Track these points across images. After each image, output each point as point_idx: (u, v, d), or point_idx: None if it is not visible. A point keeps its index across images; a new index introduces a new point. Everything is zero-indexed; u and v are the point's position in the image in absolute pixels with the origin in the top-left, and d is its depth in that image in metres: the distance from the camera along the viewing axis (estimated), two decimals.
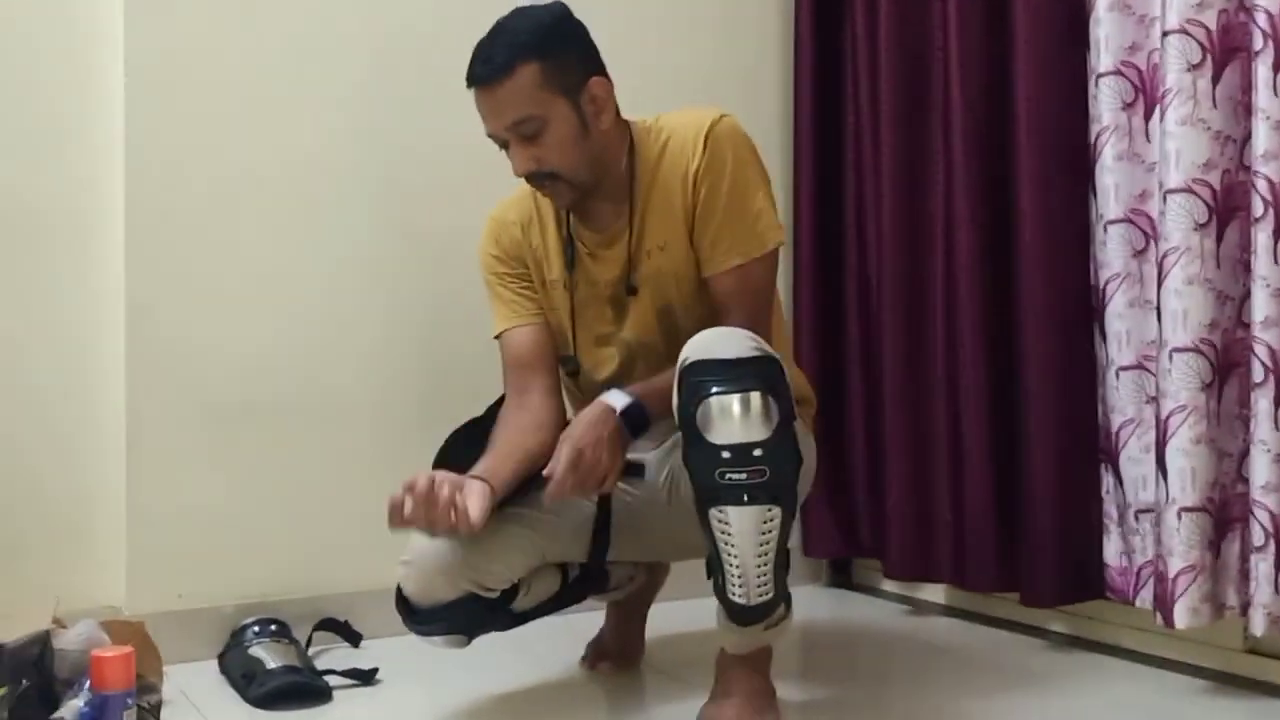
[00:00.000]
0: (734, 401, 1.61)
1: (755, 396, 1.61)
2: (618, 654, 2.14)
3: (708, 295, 1.87)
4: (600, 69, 1.86)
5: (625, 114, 1.93)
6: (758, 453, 1.60)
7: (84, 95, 2.25)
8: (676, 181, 1.87)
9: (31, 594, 2.07)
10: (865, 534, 2.64)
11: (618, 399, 1.78)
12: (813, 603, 2.60)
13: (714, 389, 1.62)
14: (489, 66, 1.78)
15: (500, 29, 1.82)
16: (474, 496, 1.68)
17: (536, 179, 1.85)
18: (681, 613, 2.26)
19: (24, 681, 1.62)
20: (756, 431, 1.61)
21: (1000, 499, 2.32)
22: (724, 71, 2.72)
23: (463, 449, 1.85)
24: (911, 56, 2.50)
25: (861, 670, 2.26)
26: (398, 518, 1.66)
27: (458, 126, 1.92)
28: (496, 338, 1.99)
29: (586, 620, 2.16)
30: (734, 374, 1.62)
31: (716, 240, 1.85)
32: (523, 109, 1.78)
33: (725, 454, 1.60)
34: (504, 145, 1.84)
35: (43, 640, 1.72)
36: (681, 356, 1.67)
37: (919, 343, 2.49)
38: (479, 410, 1.99)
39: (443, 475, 1.69)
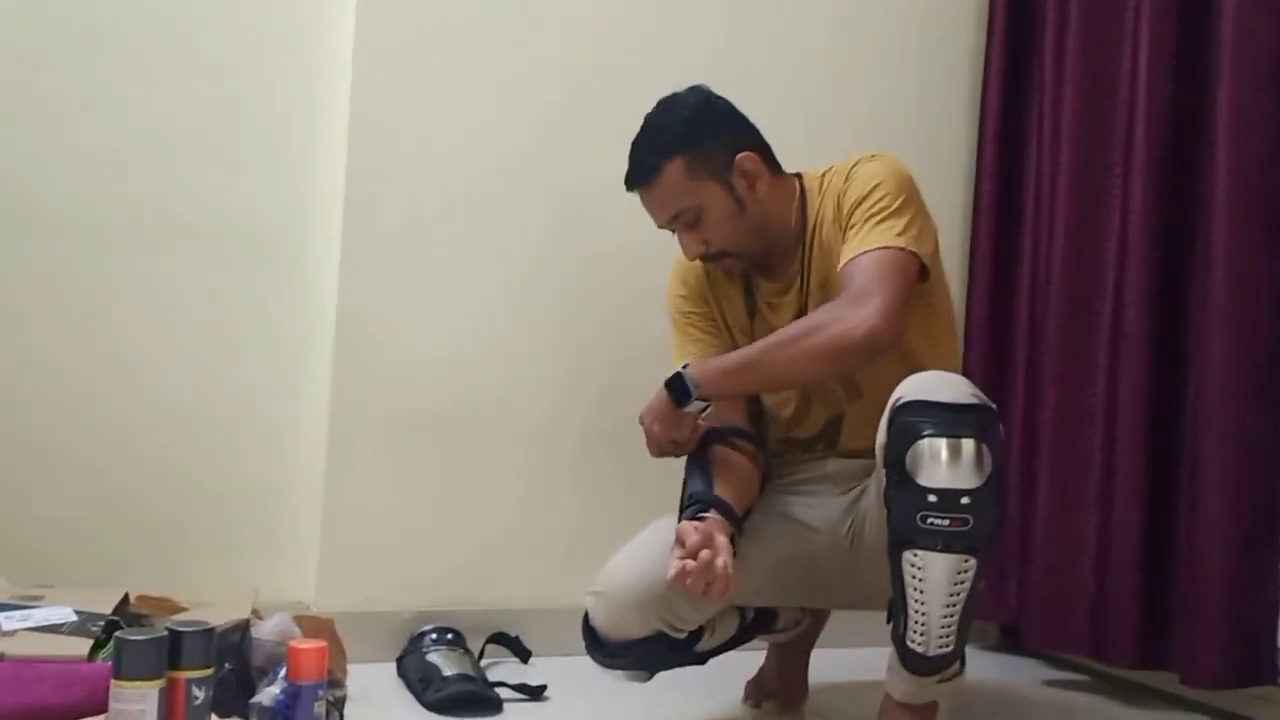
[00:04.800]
0: (945, 446, 1.54)
1: (968, 444, 1.54)
2: (781, 695, 2.06)
3: None
4: (747, 143, 1.85)
5: (823, 161, 1.91)
6: (964, 500, 1.53)
7: (310, 121, 2.32)
8: (833, 221, 1.83)
9: (231, 585, 2.12)
10: (1013, 595, 2.48)
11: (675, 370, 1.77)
12: (974, 664, 2.49)
13: (927, 431, 1.55)
14: (639, 171, 1.82)
15: (645, 129, 1.85)
16: (725, 554, 1.60)
17: (708, 259, 1.87)
18: (845, 659, 2.20)
19: (225, 665, 1.65)
20: (966, 479, 1.53)
21: (1152, 569, 2.17)
22: (911, 125, 2.66)
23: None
24: (1096, 114, 2.37)
25: None
26: (680, 584, 1.58)
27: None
28: None
29: (745, 657, 2.07)
30: (949, 418, 1.55)
31: (845, 244, 1.78)
32: (677, 203, 1.81)
33: (931, 497, 1.53)
34: (674, 231, 1.86)
35: (244, 628, 1.75)
36: (895, 395, 1.61)
37: (1080, 404, 2.34)
38: None
39: (705, 535, 1.61)
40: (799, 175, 1.92)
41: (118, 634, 1.40)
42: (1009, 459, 2.44)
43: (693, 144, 1.81)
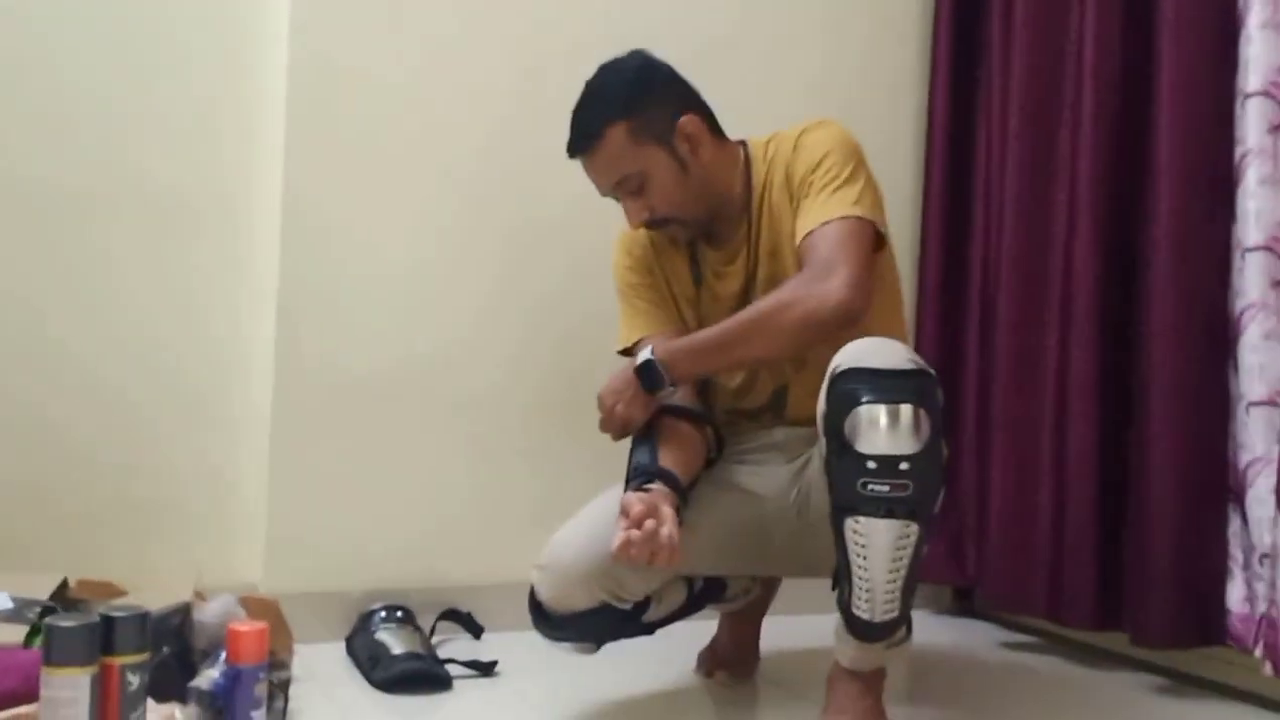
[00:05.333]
0: (883, 412, 1.52)
1: (906, 409, 1.52)
2: (734, 663, 2.07)
3: None
4: (689, 105, 1.82)
5: (773, 128, 1.90)
6: (904, 466, 1.51)
7: (248, 97, 2.28)
8: (781, 189, 1.82)
9: (175, 566, 2.11)
10: (970, 560, 2.51)
11: (642, 354, 1.75)
12: (928, 629, 2.50)
13: (864, 398, 1.53)
14: (581, 137, 1.80)
15: (587, 94, 1.82)
16: (670, 524, 1.57)
17: (653, 226, 1.84)
18: (796, 627, 2.20)
19: (165, 649, 1.62)
20: (905, 445, 1.52)
21: (1106, 532, 2.18)
22: (862, 93, 2.65)
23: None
24: (1045, 76, 2.38)
25: (973, 700, 2.15)
26: (624, 554, 1.55)
27: None
28: (628, 350, 1.92)
29: (698, 626, 2.07)
30: (886, 384, 1.54)
31: (800, 215, 1.77)
32: (620, 168, 1.78)
33: (870, 464, 1.52)
34: (618, 199, 1.83)
35: (184, 611, 1.72)
36: (833, 364, 1.60)
37: (1034, 364, 2.36)
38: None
39: (650, 505, 1.58)
40: (743, 142, 1.90)
41: (47, 620, 1.37)
42: (964, 427, 2.47)
43: (635, 108, 1.78)
